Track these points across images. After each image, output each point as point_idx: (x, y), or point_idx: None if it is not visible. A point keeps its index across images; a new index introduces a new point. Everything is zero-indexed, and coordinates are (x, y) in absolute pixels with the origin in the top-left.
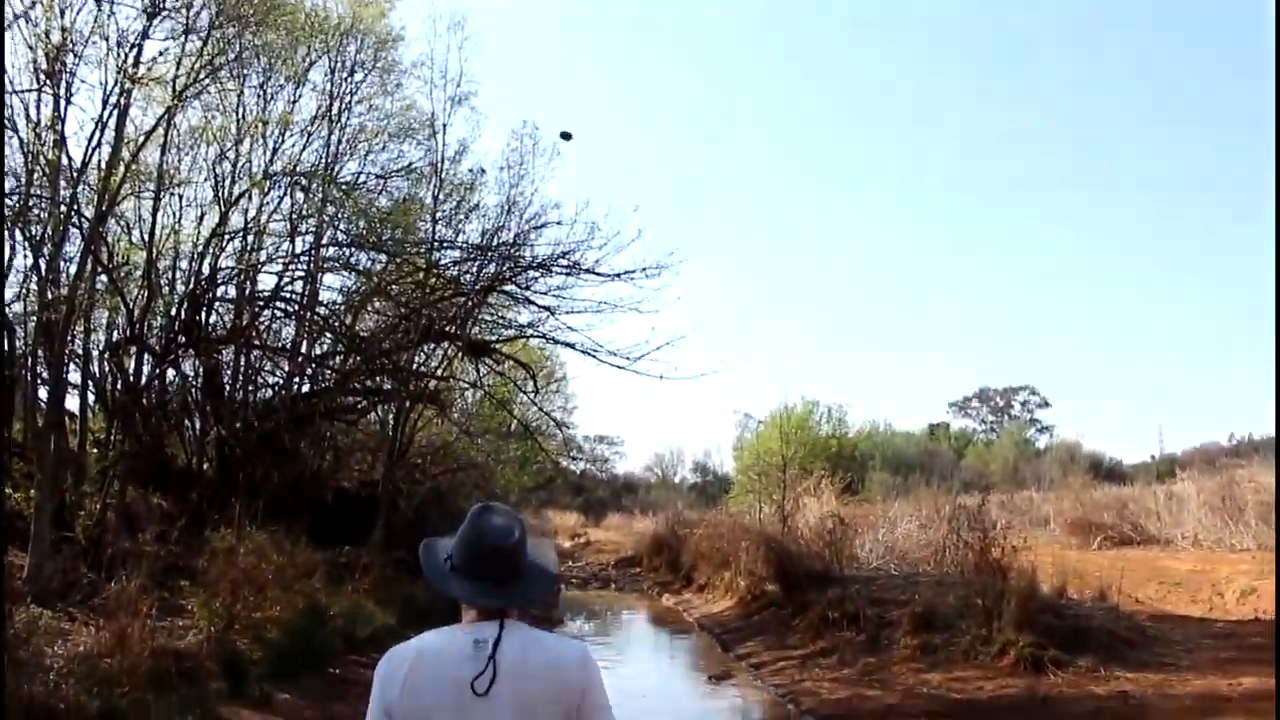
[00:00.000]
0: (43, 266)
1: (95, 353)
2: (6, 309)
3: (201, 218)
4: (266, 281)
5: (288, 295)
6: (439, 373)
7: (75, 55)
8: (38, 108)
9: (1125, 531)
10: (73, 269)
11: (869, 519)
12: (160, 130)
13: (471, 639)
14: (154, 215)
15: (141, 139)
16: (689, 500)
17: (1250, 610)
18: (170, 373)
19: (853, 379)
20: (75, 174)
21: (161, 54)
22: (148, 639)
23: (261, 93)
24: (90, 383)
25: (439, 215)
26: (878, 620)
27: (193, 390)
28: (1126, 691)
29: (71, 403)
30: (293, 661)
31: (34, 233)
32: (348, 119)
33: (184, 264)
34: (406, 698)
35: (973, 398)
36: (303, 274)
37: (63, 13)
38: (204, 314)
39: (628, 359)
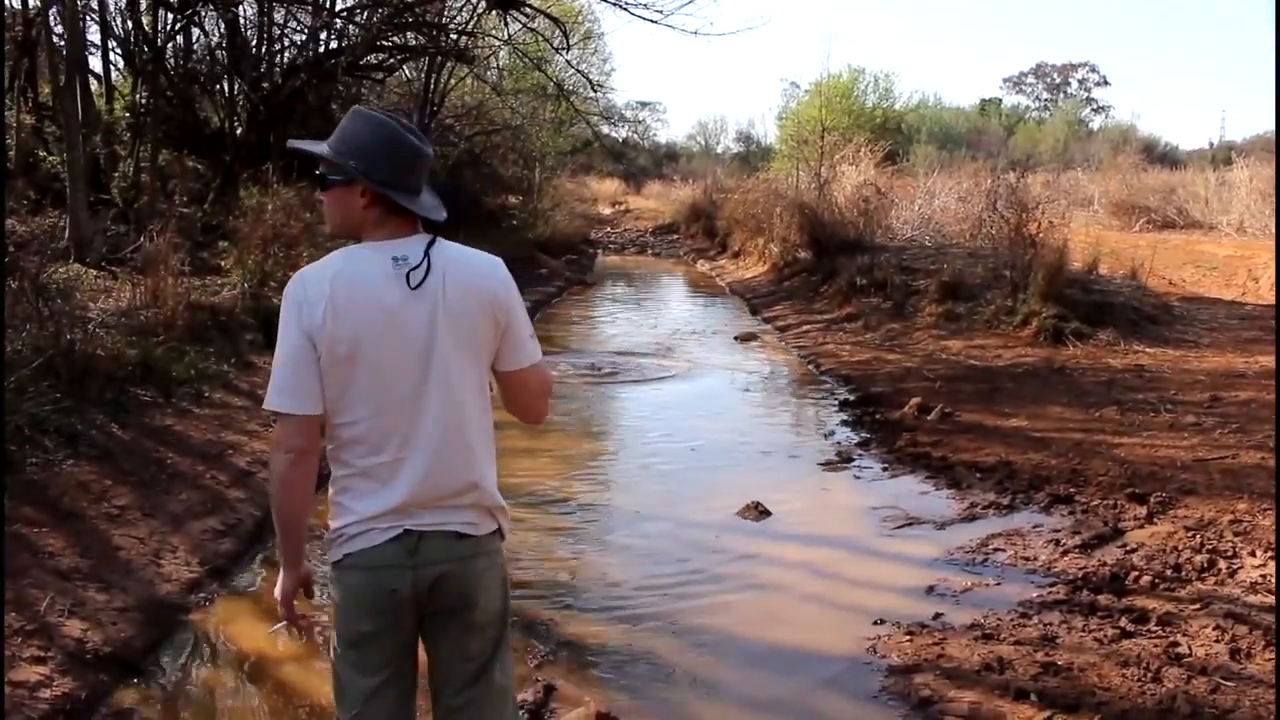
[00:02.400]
0: None
1: (113, 9)
2: None
3: None
4: None
5: None
6: (468, 28)
7: None
8: None
9: (1169, 215)
10: None
11: (908, 191)
12: None
13: (388, 256)
14: None
15: None
16: (730, 169)
17: None
18: (195, 32)
19: (905, 49)
20: None
21: None
22: (183, 293)
23: None
24: (113, 42)
25: None
26: (905, 288)
27: (219, 50)
28: (1142, 365)
29: (96, 65)
30: None
31: None
32: None
33: None
34: (332, 324)
35: (1029, 73)
36: None
37: None
38: None
39: (660, 12)
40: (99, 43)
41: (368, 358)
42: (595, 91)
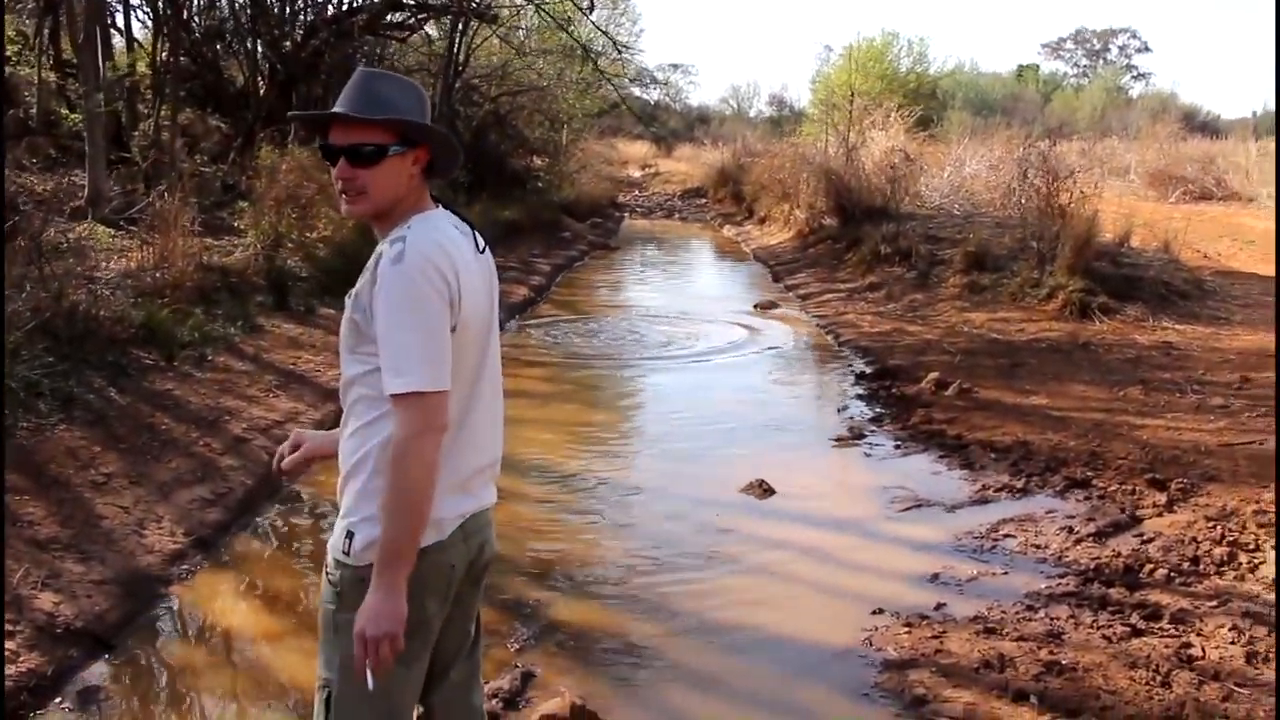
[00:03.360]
0: None
1: None
2: None
3: None
4: None
5: None
6: None
7: None
8: None
9: (1207, 186)
10: None
11: (938, 158)
12: None
13: (451, 225)
14: None
15: None
16: (761, 133)
17: None
18: None
19: (942, 14)
20: None
21: None
22: (194, 254)
23: None
24: None
25: None
26: (930, 258)
27: (245, 10)
28: (1170, 342)
29: (121, 22)
30: (341, 279)
31: None
32: None
33: None
34: (464, 295)
35: (1068, 39)
36: None
37: None
38: None
39: None
40: None
41: (469, 328)
42: (620, 53)
